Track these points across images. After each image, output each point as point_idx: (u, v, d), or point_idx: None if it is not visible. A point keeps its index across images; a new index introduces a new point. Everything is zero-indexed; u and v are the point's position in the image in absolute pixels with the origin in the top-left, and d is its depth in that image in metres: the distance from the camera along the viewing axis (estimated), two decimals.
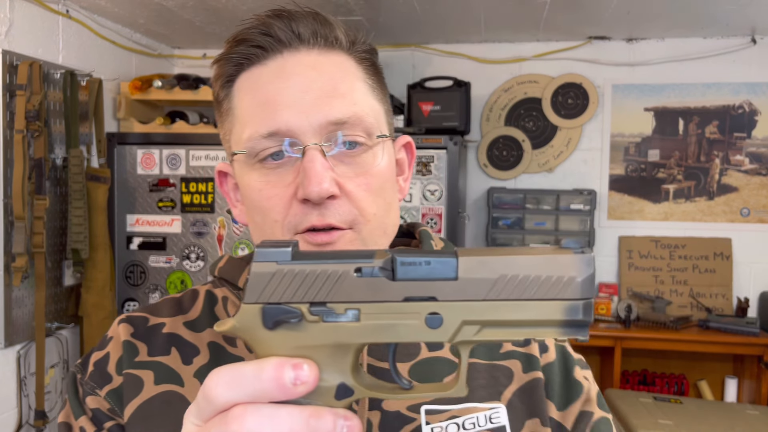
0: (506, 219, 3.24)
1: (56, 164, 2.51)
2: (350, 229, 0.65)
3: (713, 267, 3.23)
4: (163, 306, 0.77)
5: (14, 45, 2.32)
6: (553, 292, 0.38)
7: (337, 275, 0.39)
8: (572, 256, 0.38)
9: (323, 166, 0.63)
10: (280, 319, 0.39)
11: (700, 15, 2.84)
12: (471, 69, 3.35)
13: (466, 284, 0.38)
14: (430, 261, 0.38)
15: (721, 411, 2.71)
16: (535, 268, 0.38)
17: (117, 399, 0.70)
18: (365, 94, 0.69)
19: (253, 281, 0.39)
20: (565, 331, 0.38)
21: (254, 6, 2.64)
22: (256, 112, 0.66)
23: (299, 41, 0.67)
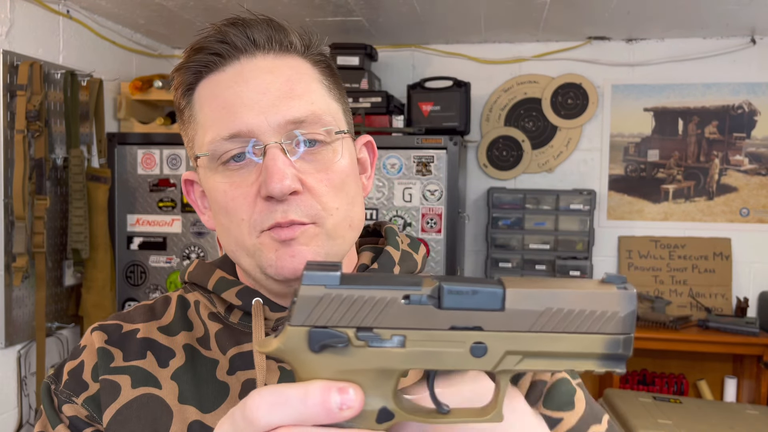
0: (506, 219, 3.25)
1: (57, 164, 2.51)
2: (313, 224, 0.67)
3: (713, 267, 3.23)
4: (135, 313, 0.78)
5: (15, 45, 2.32)
6: (596, 326, 0.39)
7: (385, 301, 0.39)
8: (615, 292, 0.39)
9: (284, 163, 0.65)
10: (326, 343, 0.39)
11: (700, 15, 2.85)
12: (471, 69, 3.35)
13: (513, 315, 0.39)
14: (477, 290, 0.39)
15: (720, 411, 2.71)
16: (580, 302, 0.39)
17: (95, 406, 0.71)
18: (322, 94, 0.71)
19: (301, 304, 0.39)
20: (604, 364, 0.40)
21: (254, 6, 2.64)
22: (216, 116, 0.68)
23: (255, 47, 0.69)
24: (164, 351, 0.73)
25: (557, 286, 0.39)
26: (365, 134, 0.80)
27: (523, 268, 3.23)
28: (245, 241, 0.68)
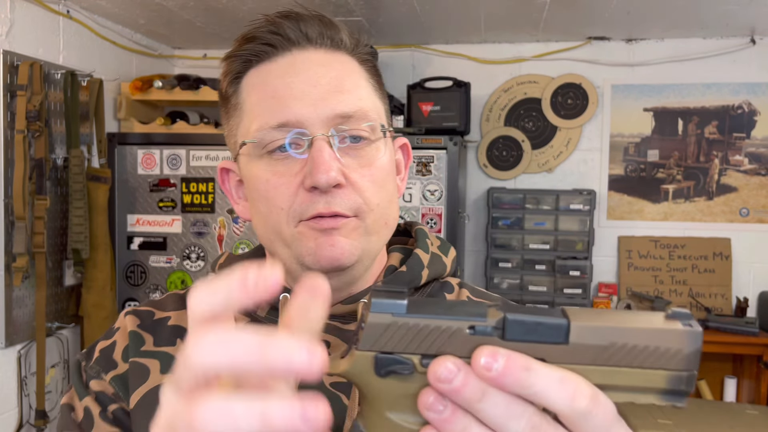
0: (506, 219, 3.25)
1: (57, 164, 2.51)
2: (355, 217, 0.68)
3: (712, 267, 3.23)
4: (167, 301, 0.79)
5: (15, 45, 2.32)
6: (660, 362, 0.39)
7: (450, 331, 0.39)
8: (681, 330, 0.40)
9: (330, 155, 0.66)
10: (391, 369, 0.40)
11: (700, 15, 2.85)
12: (471, 69, 3.35)
13: (577, 349, 0.39)
14: (542, 323, 0.39)
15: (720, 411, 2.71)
16: (645, 338, 0.39)
17: (122, 385, 0.72)
18: (369, 91, 0.72)
19: (369, 330, 0.40)
20: (665, 398, 0.40)
21: (254, 6, 2.64)
22: (265, 105, 0.69)
23: (307, 41, 0.70)
24: None
25: (622, 321, 0.40)
26: (402, 137, 0.81)
27: (523, 268, 3.23)
28: (283, 230, 0.69)
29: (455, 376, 0.37)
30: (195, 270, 2.80)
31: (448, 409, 0.38)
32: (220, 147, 2.76)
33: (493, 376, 0.37)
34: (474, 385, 0.37)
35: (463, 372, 0.37)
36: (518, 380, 0.37)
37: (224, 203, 2.77)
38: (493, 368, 0.37)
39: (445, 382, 0.37)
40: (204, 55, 3.47)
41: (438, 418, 0.38)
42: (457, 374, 0.37)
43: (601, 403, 0.38)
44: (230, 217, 2.77)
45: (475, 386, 0.37)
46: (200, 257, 2.79)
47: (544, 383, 0.37)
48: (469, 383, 0.37)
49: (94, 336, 2.59)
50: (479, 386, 0.37)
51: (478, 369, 0.37)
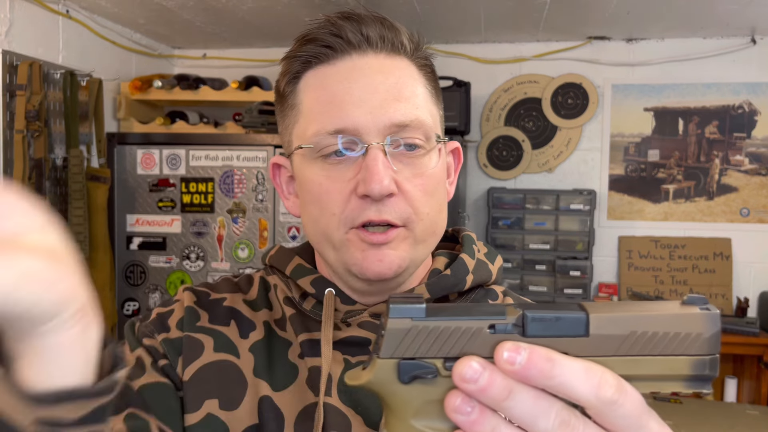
0: (506, 219, 3.24)
1: (56, 164, 2.51)
2: (404, 227, 0.68)
3: (713, 267, 3.23)
4: (221, 285, 0.81)
5: (14, 45, 2.32)
6: (681, 348, 0.39)
7: (471, 331, 0.39)
8: (699, 313, 0.39)
9: (385, 164, 0.66)
10: (415, 374, 0.40)
11: (700, 15, 2.84)
12: (471, 69, 3.35)
13: (597, 340, 0.39)
14: (561, 317, 0.39)
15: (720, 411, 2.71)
16: (664, 324, 0.39)
17: (172, 348, 0.73)
18: (426, 99, 0.72)
19: (389, 336, 0.40)
20: (690, 385, 0.40)
21: (254, 6, 2.64)
22: (322, 109, 0.69)
23: (367, 44, 0.70)
24: (246, 323, 0.76)
25: (640, 309, 0.40)
26: (454, 140, 0.82)
27: (523, 268, 3.23)
28: (333, 234, 0.69)
29: (481, 375, 0.37)
30: (194, 270, 2.80)
31: (476, 410, 0.37)
32: (220, 147, 2.76)
33: (518, 370, 0.37)
34: (500, 382, 0.37)
35: (488, 370, 0.37)
36: (542, 372, 0.37)
37: (224, 203, 2.77)
38: (517, 361, 0.37)
39: (471, 382, 0.37)
40: (204, 55, 3.47)
41: (466, 420, 0.37)
42: (483, 373, 0.37)
43: (628, 393, 0.37)
44: (230, 217, 2.77)
45: (501, 384, 0.37)
46: (200, 257, 2.79)
47: (569, 374, 0.37)
48: (496, 381, 0.37)
49: None
50: (505, 383, 0.37)
51: (501, 364, 0.37)
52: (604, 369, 0.38)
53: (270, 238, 2.76)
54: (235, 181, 2.75)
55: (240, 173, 2.74)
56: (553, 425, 0.37)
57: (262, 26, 2.94)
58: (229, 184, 2.75)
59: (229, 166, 2.75)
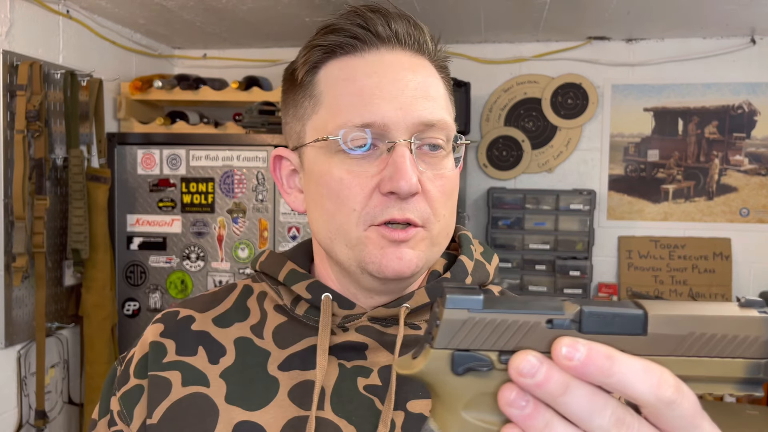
0: (506, 219, 3.25)
1: (56, 164, 2.51)
2: (423, 228, 0.67)
3: (713, 267, 3.23)
4: (197, 300, 0.79)
5: (14, 45, 2.32)
6: (738, 351, 0.39)
7: (528, 325, 0.39)
8: (758, 317, 0.39)
9: (412, 163, 0.65)
10: (470, 366, 0.39)
11: (700, 15, 2.85)
12: (471, 69, 3.35)
13: (656, 340, 0.39)
14: (618, 314, 0.39)
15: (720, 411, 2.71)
16: (723, 326, 0.39)
17: (129, 401, 0.72)
18: (447, 100, 0.72)
19: (445, 327, 0.39)
20: (743, 387, 0.40)
21: (254, 6, 2.64)
22: (350, 101, 0.67)
23: (396, 40, 0.69)
24: (216, 346, 0.73)
25: (699, 310, 0.39)
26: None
27: (523, 268, 3.23)
28: (350, 231, 0.67)
29: (538, 370, 0.36)
30: (195, 270, 2.80)
31: (530, 404, 0.37)
32: (220, 147, 2.76)
33: (575, 366, 0.36)
34: (557, 378, 0.36)
35: (545, 365, 0.37)
36: (601, 369, 0.36)
37: (224, 203, 2.77)
38: (575, 357, 0.36)
39: (527, 376, 0.37)
40: (204, 55, 3.47)
41: (520, 414, 0.37)
42: (540, 368, 0.36)
43: (686, 394, 0.37)
44: (230, 217, 2.77)
45: (558, 379, 0.36)
46: (200, 257, 2.79)
47: (628, 372, 0.36)
48: (553, 376, 0.36)
49: (94, 336, 2.59)
50: (562, 379, 0.36)
51: (559, 359, 0.37)
52: (663, 368, 0.37)
53: (270, 238, 2.76)
54: (236, 182, 2.75)
55: (240, 173, 2.74)
56: (609, 423, 0.36)
57: (263, 26, 2.94)
58: (230, 185, 2.75)
59: (229, 166, 2.75)
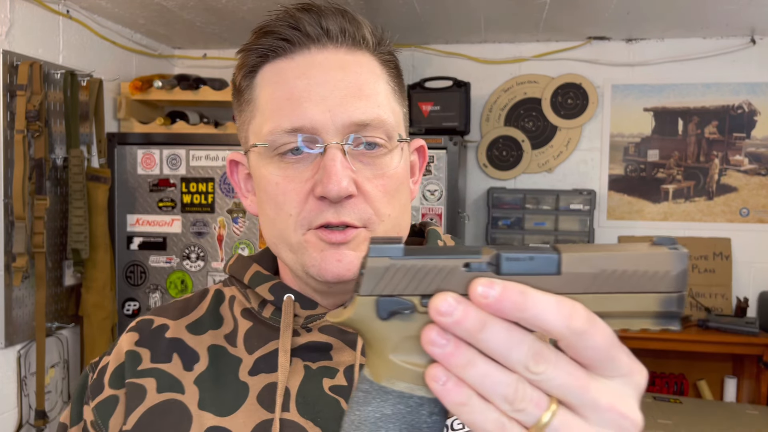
0: (506, 219, 3.25)
1: (56, 164, 2.51)
2: (364, 228, 0.66)
3: (712, 267, 3.23)
4: (171, 308, 0.78)
5: (14, 45, 2.32)
6: (650, 286, 0.40)
7: (447, 269, 0.40)
8: (668, 252, 0.40)
9: (343, 165, 0.64)
10: (393, 310, 0.41)
11: (700, 15, 2.85)
12: (471, 69, 3.35)
13: (569, 278, 0.40)
14: (534, 257, 0.40)
15: (720, 411, 2.71)
16: (634, 263, 0.40)
17: (104, 412, 0.71)
18: (388, 96, 0.69)
19: (369, 274, 0.41)
20: (658, 322, 0.41)
21: (254, 6, 2.64)
22: (279, 106, 0.66)
23: (327, 38, 0.67)
24: (189, 353, 0.73)
25: (611, 249, 0.41)
26: (419, 138, 0.79)
27: None
28: (290, 236, 0.67)
29: (455, 309, 0.37)
30: (195, 270, 2.80)
31: (451, 343, 0.38)
32: (220, 147, 2.76)
33: (491, 303, 0.37)
34: (474, 315, 0.37)
35: (463, 304, 0.37)
36: (515, 304, 0.37)
37: (224, 203, 2.77)
38: (490, 295, 0.37)
39: (446, 315, 0.37)
40: (204, 55, 3.47)
41: (442, 352, 0.38)
42: (458, 307, 0.37)
43: (598, 325, 0.38)
44: (230, 217, 2.77)
45: (475, 316, 0.37)
46: (200, 257, 2.79)
47: (541, 306, 0.37)
48: (470, 314, 0.37)
49: (94, 336, 2.59)
50: (479, 316, 0.37)
51: (475, 297, 0.37)
52: (575, 302, 0.38)
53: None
54: None
55: None
56: (527, 356, 0.37)
57: None
58: (230, 185, 2.75)
59: None
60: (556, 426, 0.37)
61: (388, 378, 0.41)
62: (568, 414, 0.38)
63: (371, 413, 0.42)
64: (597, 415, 0.38)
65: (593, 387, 0.38)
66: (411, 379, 0.41)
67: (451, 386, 0.38)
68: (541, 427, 0.37)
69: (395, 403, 0.41)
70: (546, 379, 0.37)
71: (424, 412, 0.41)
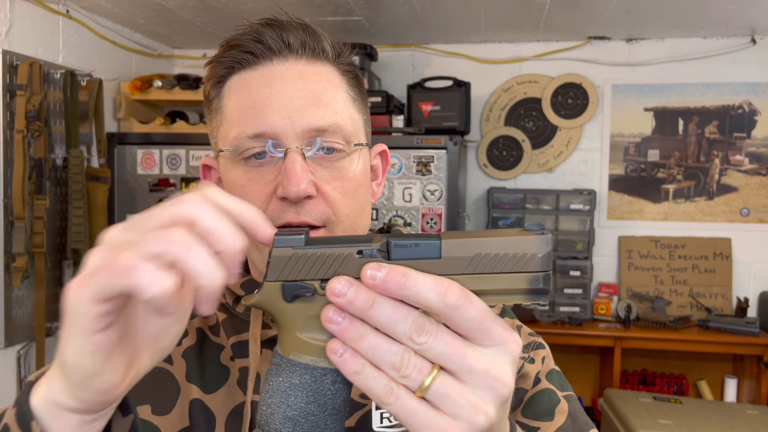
0: (506, 219, 3.24)
1: (56, 164, 2.51)
2: (323, 227, 0.72)
3: (713, 267, 3.23)
4: None
5: (14, 45, 2.32)
6: (519, 266, 0.46)
7: (342, 257, 0.46)
8: (533, 237, 0.46)
9: (303, 168, 0.69)
10: (297, 294, 0.46)
11: (700, 15, 2.84)
12: (471, 69, 3.35)
13: (448, 261, 0.46)
14: (419, 243, 0.46)
15: (720, 411, 2.71)
16: (504, 247, 0.46)
17: None
18: (346, 104, 0.75)
19: (274, 263, 0.46)
20: (529, 297, 0.46)
21: (254, 6, 2.64)
22: (243, 113, 0.72)
23: (288, 50, 0.73)
24: None
25: (485, 234, 0.46)
26: (380, 143, 0.84)
27: None
28: None
29: (348, 290, 0.43)
30: None
31: (345, 320, 0.44)
32: None
33: (378, 284, 0.43)
34: (364, 295, 0.43)
35: (354, 286, 0.44)
36: (398, 284, 0.43)
37: None
38: (377, 277, 0.43)
39: (340, 295, 0.43)
40: (204, 55, 3.47)
41: (338, 328, 0.44)
42: (350, 288, 0.43)
43: (472, 300, 0.44)
44: None
45: (364, 296, 0.43)
46: None
47: (421, 285, 0.43)
48: (360, 294, 0.43)
49: None
50: (368, 296, 0.43)
51: (365, 279, 0.44)
52: (451, 281, 0.44)
53: None
54: None
55: None
56: (411, 329, 0.43)
57: None
58: None
59: None
60: (436, 388, 0.43)
61: (295, 352, 0.47)
62: (448, 378, 0.43)
63: (282, 383, 0.47)
64: (473, 378, 0.43)
65: (470, 354, 0.43)
66: (315, 353, 0.47)
67: (348, 357, 0.44)
68: (424, 390, 0.43)
69: (302, 374, 0.47)
70: (428, 348, 0.43)
71: (327, 381, 0.47)
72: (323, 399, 0.47)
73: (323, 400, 0.47)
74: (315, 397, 0.47)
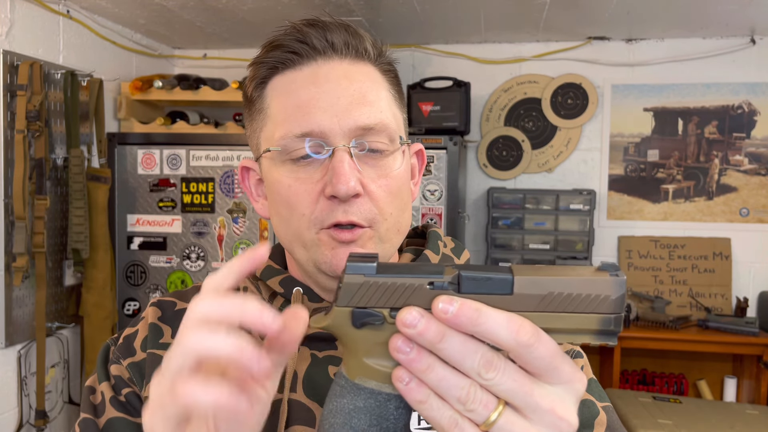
0: (506, 219, 3.25)
1: (57, 164, 2.51)
2: (369, 227, 0.72)
3: (712, 267, 3.23)
4: (190, 292, 0.84)
5: (15, 45, 2.32)
6: (591, 307, 0.46)
7: (413, 287, 0.46)
8: (608, 279, 0.46)
9: (350, 166, 0.69)
10: (365, 321, 0.47)
11: (700, 15, 2.85)
12: (471, 69, 3.35)
13: (520, 298, 0.46)
14: (491, 278, 0.46)
15: (720, 411, 2.71)
16: (578, 287, 0.46)
17: (137, 371, 0.77)
18: (389, 103, 0.75)
19: (345, 289, 0.47)
20: (598, 338, 0.47)
21: (254, 6, 2.64)
22: (290, 113, 0.71)
23: (332, 50, 0.73)
24: None
25: (559, 273, 0.46)
26: (418, 142, 0.84)
27: None
28: (304, 234, 0.72)
29: (419, 321, 0.44)
30: (195, 270, 2.80)
31: (414, 350, 0.44)
32: (220, 147, 2.76)
33: (449, 318, 0.43)
34: (434, 327, 0.43)
35: (425, 318, 0.44)
36: (470, 319, 0.43)
37: (224, 203, 2.77)
38: (449, 311, 0.43)
39: (410, 326, 0.44)
40: (204, 55, 3.47)
41: (406, 358, 0.44)
42: (420, 320, 0.44)
43: (543, 339, 0.44)
44: (230, 217, 2.77)
45: (435, 329, 0.43)
46: (200, 257, 2.79)
47: (493, 322, 0.43)
48: (431, 326, 0.44)
49: (94, 336, 2.59)
50: (439, 328, 0.43)
51: (436, 312, 0.44)
52: (523, 319, 0.44)
53: (270, 237, 2.77)
54: (236, 181, 2.75)
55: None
56: (479, 364, 0.43)
57: (263, 26, 2.94)
58: (230, 184, 2.76)
59: (229, 166, 2.76)
60: (501, 424, 0.43)
61: (361, 377, 0.48)
62: (513, 414, 0.44)
63: (346, 405, 0.48)
64: (538, 416, 0.44)
65: (536, 392, 0.44)
66: (380, 379, 0.47)
67: (413, 386, 0.44)
68: (489, 425, 0.43)
69: (366, 398, 0.48)
70: (495, 384, 0.43)
71: (390, 406, 0.48)
72: (386, 423, 0.48)
73: (386, 424, 0.48)
74: (378, 421, 0.48)
